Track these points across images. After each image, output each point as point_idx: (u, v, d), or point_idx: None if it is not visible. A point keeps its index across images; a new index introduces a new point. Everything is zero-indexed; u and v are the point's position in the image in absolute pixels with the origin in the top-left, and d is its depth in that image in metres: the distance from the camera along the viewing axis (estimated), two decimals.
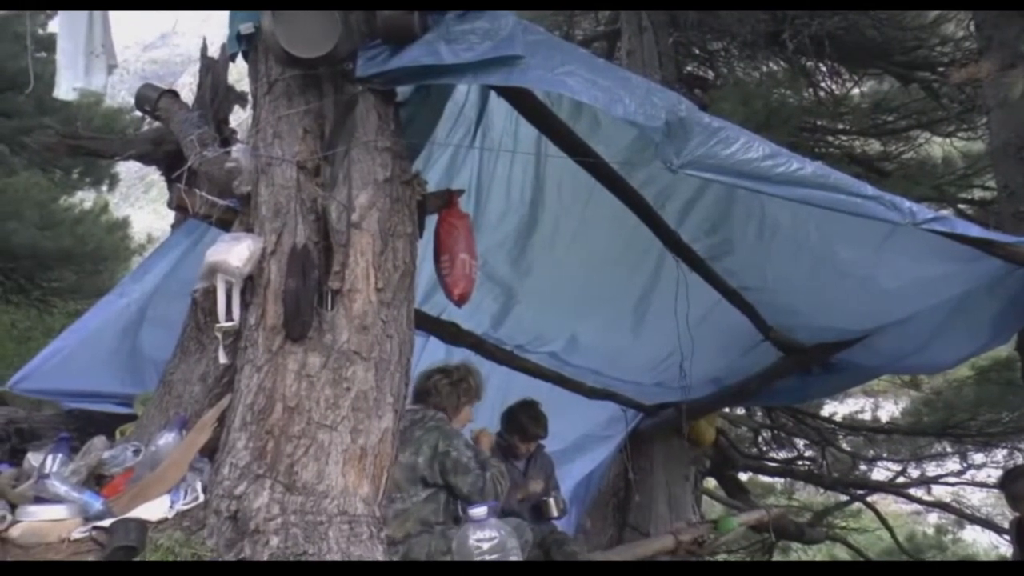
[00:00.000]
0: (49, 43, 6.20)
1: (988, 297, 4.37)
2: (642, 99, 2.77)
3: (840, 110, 8.02)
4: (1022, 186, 5.37)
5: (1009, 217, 5.21)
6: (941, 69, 7.38)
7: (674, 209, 4.18)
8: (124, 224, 11.59)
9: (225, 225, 3.04)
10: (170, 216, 4.96)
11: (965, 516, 10.58)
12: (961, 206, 7.29)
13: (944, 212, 3.66)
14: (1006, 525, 6.35)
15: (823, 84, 8.19)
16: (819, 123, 8.00)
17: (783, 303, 4.84)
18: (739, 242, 4.35)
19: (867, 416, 10.87)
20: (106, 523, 2.55)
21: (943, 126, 7.69)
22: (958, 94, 7.28)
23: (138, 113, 6.33)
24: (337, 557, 2.45)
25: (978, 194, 7.55)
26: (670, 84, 6.68)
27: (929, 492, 10.73)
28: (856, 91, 8.36)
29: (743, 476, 10.15)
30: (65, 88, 3.99)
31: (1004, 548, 10.22)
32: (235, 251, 2.75)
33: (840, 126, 8.15)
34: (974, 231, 3.56)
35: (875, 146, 8.20)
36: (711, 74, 9.03)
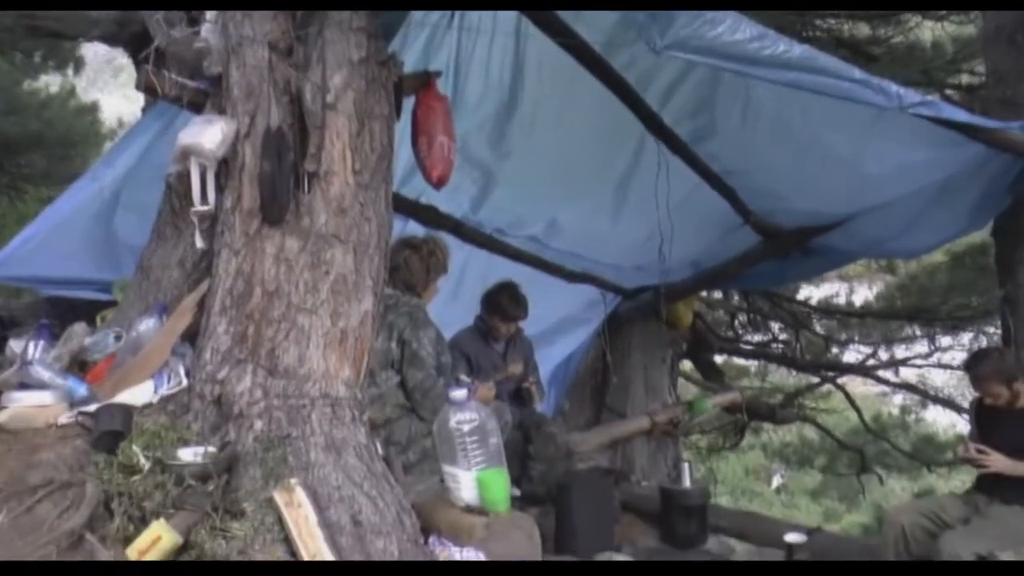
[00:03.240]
0: None
1: (968, 183, 4.37)
2: None
3: None
4: (1011, 71, 5.29)
5: (995, 102, 5.16)
6: None
7: (657, 92, 4.10)
8: (93, 108, 11.27)
9: (196, 108, 2.96)
10: (141, 101, 4.84)
11: (929, 397, 10.90)
12: (948, 91, 7.20)
13: (931, 97, 3.62)
14: (966, 405, 6.55)
15: None
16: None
17: (765, 187, 4.82)
18: (722, 126, 4.30)
19: (842, 300, 11.05)
20: (91, 408, 2.57)
21: (935, 9, 7.49)
22: None
23: None
24: (320, 440, 2.49)
25: (965, 79, 7.45)
26: None
27: (897, 374, 11.01)
28: None
29: (718, 359, 10.34)
30: None
31: (961, 426, 10.59)
32: (208, 133, 2.68)
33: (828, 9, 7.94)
34: (960, 116, 3.54)
35: (864, 30, 8.02)
36: None
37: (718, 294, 9.71)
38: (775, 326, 10.47)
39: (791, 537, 3.73)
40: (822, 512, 14.56)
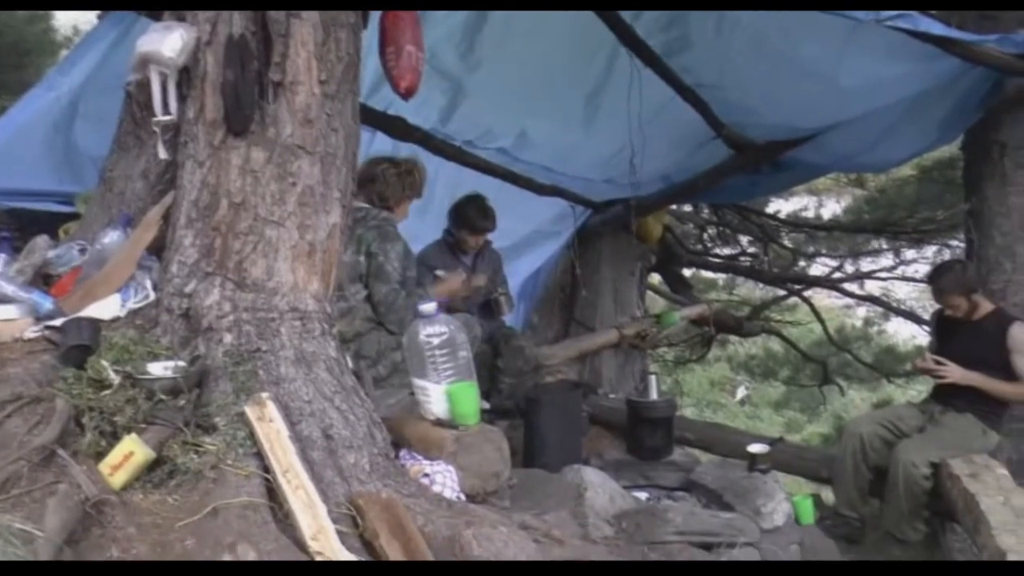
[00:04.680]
0: None
1: (941, 97, 4.38)
2: None
3: None
4: None
5: (972, 16, 5.12)
6: None
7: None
8: (46, 16, 10.85)
9: (154, 15, 2.85)
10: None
11: (892, 309, 11.09)
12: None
13: (908, 12, 3.58)
14: (927, 317, 6.69)
15: None
16: None
17: (738, 100, 4.78)
18: (697, 38, 4.23)
19: (810, 214, 11.12)
20: (58, 322, 2.54)
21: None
22: None
23: None
24: (290, 354, 2.49)
25: None
26: None
27: (862, 286, 11.18)
28: None
29: (687, 272, 10.43)
30: None
31: (921, 338, 10.83)
32: (167, 41, 2.59)
33: None
34: (936, 28, 3.51)
35: None
36: None
37: (688, 207, 9.73)
38: (744, 239, 10.55)
39: (754, 448, 3.83)
40: (784, 423, 14.94)
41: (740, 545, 3.07)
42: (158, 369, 2.38)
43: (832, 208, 11.08)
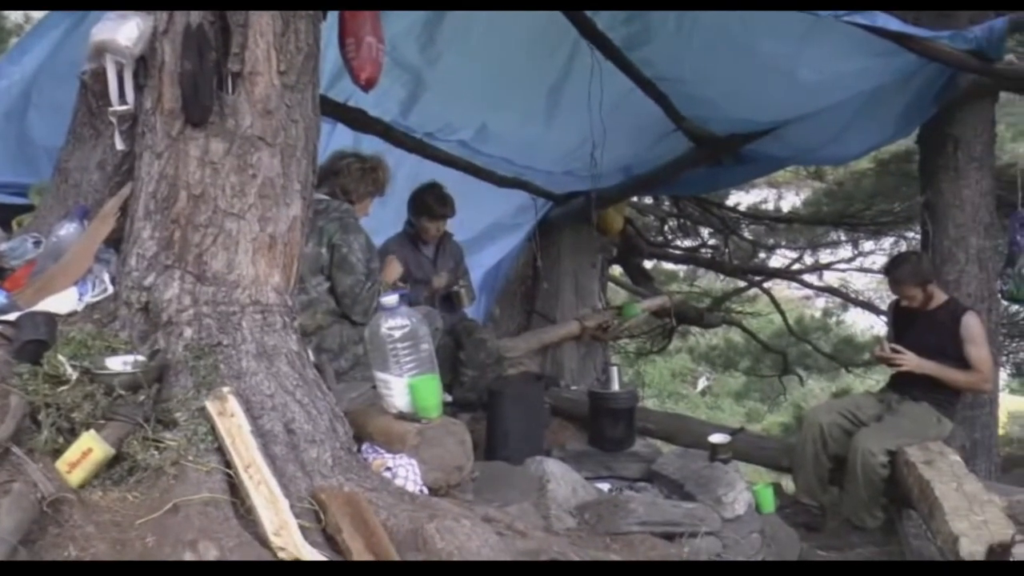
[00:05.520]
0: None
1: (898, 91, 4.45)
2: None
3: None
4: None
5: (928, 14, 5.20)
6: None
7: None
8: None
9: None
10: None
11: (850, 299, 11.28)
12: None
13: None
14: (884, 308, 6.81)
15: None
16: None
17: (698, 94, 4.82)
18: (657, 32, 4.25)
19: (770, 206, 11.24)
20: (12, 317, 2.49)
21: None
22: None
23: None
24: (252, 348, 2.46)
25: None
26: None
27: (820, 278, 11.34)
28: None
29: (648, 264, 10.49)
30: None
31: (879, 328, 11.02)
32: (123, 30, 2.54)
33: None
34: (893, 25, 3.57)
35: None
36: None
37: (649, 200, 9.78)
38: (704, 231, 10.64)
39: (715, 438, 3.86)
40: (745, 413, 15.11)
41: (702, 535, 3.10)
42: (117, 364, 2.35)
43: (791, 200, 11.22)
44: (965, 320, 4.35)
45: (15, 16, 10.68)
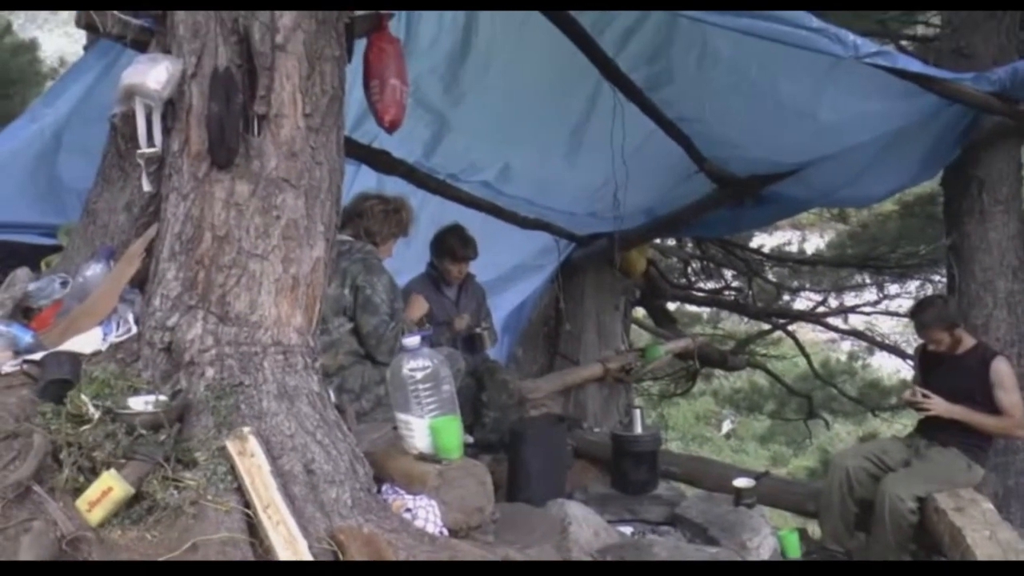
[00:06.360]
0: None
1: (920, 133, 4.43)
2: None
3: None
4: (965, 22, 5.34)
5: (949, 53, 5.21)
6: None
7: (612, 37, 4.06)
8: (32, 47, 10.84)
9: (140, 46, 2.86)
10: (83, 39, 4.67)
11: (876, 343, 11.14)
12: (903, 42, 7.25)
13: (887, 47, 3.65)
14: (911, 352, 6.72)
15: None
16: None
17: (719, 135, 4.83)
18: (678, 73, 4.28)
19: (794, 248, 11.20)
20: (37, 356, 2.51)
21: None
22: None
23: None
24: (273, 388, 2.47)
25: (921, 30, 7.51)
26: None
27: (846, 321, 11.23)
28: None
29: (671, 306, 10.45)
30: None
31: (905, 372, 10.88)
32: (153, 73, 2.59)
33: None
34: (915, 66, 3.57)
35: None
36: None
37: (672, 241, 9.77)
38: (728, 273, 10.60)
39: (739, 482, 3.82)
40: (770, 457, 14.91)
41: None
42: (139, 404, 2.35)
43: (815, 243, 11.17)
44: (995, 365, 4.29)
45: (51, 59, 10.93)
